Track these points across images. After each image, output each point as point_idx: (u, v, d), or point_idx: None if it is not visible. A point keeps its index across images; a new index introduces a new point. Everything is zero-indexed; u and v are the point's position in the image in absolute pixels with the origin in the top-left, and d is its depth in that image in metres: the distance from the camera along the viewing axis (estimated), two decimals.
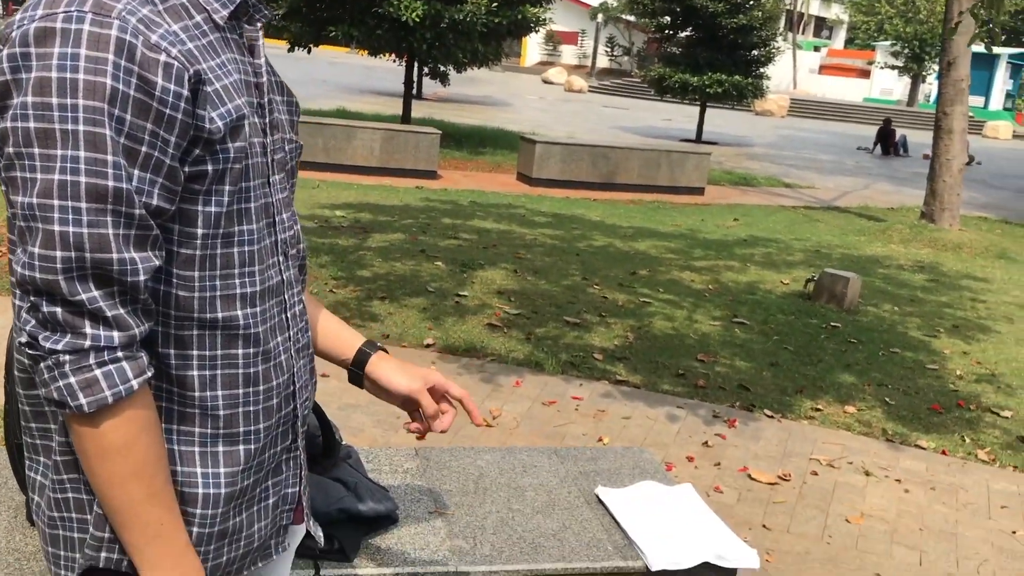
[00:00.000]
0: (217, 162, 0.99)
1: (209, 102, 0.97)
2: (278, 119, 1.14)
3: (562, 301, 6.15)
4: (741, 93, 20.85)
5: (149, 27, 0.93)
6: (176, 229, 1.00)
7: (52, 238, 0.90)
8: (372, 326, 5.22)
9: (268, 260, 1.10)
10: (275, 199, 1.12)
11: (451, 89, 23.76)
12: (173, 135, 0.94)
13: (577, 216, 10.00)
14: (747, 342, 5.69)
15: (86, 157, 0.90)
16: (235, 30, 1.06)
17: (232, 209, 1.03)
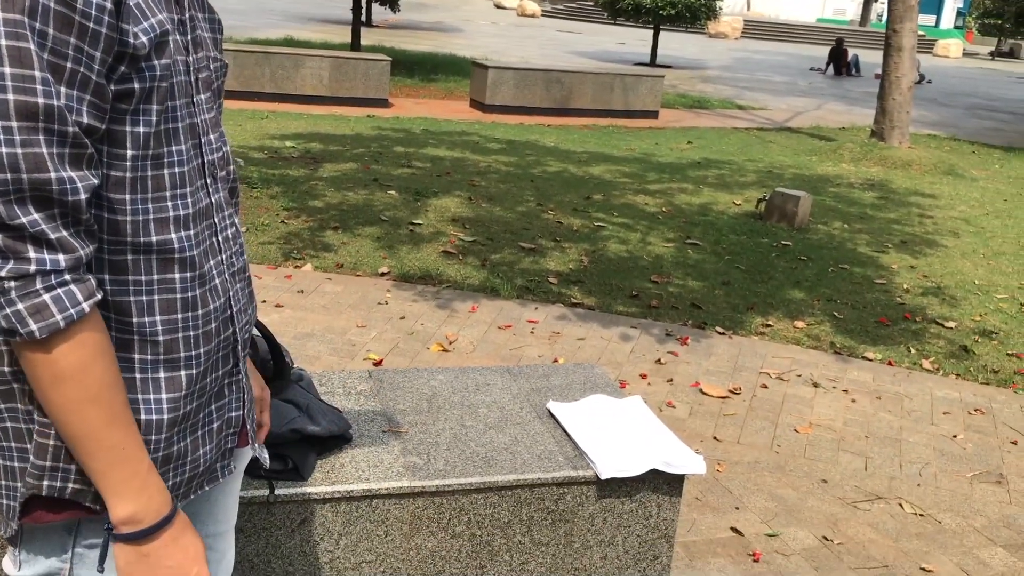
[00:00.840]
0: (144, 80, 0.97)
1: (131, 16, 0.94)
2: (201, 36, 1.11)
3: (517, 227, 6.15)
4: (694, 15, 20.71)
5: None
6: (105, 151, 0.97)
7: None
8: (326, 256, 5.19)
9: (197, 182, 1.08)
10: (201, 119, 1.10)
11: (401, 15, 23.29)
12: (98, 50, 0.91)
13: (531, 142, 9.95)
14: (700, 262, 5.75)
15: (11, 73, 0.87)
16: None
17: (160, 129, 1.00)
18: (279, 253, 5.16)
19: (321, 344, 4.03)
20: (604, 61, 21.56)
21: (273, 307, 4.39)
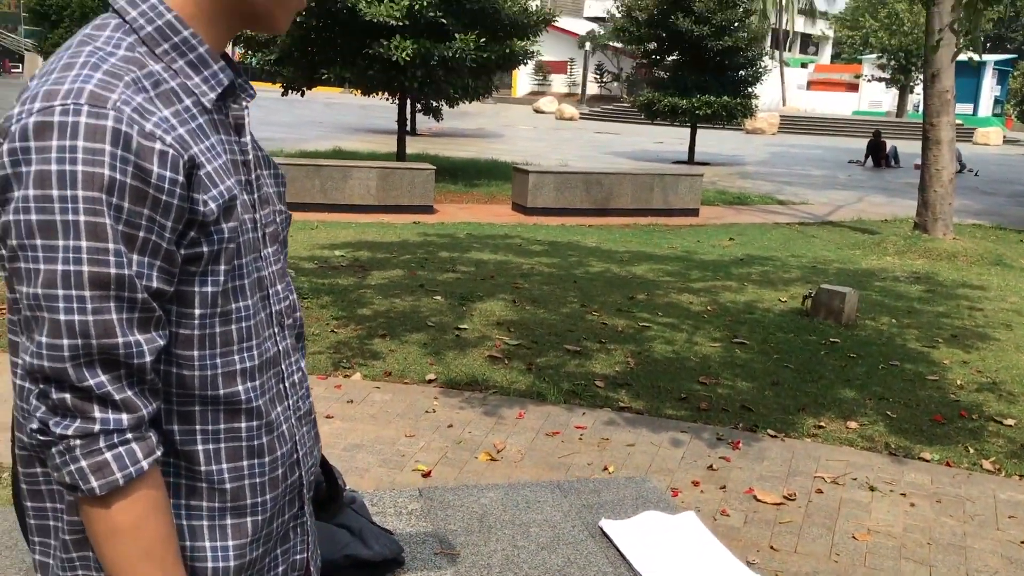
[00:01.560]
0: (212, 243, 1.02)
1: (202, 186, 1.00)
2: (267, 193, 1.17)
3: (562, 329, 6.18)
4: (731, 113, 21.01)
5: (143, 115, 0.95)
6: (174, 310, 1.02)
7: (58, 327, 0.93)
8: (374, 364, 5.25)
9: (264, 333, 1.12)
10: (268, 272, 1.15)
11: (444, 123, 23.95)
12: (169, 220, 0.97)
13: (573, 243, 10.06)
14: (748, 362, 5.71)
15: (88, 247, 0.92)
16: (222, 111, 1.09)
17: (228, 287, 1.05)
18: (329, 363, 5.23)
19: (370, 455, 4.04)
20: (642, 160, 21.88)
21: (323, 418, 4.43)
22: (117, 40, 1.00)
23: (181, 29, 1.03)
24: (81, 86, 0.93)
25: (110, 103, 0.93)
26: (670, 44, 21.40)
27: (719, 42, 20.27)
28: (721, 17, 20.06)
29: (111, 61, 0.97)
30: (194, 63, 1.04)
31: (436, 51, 13.83)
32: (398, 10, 13.38)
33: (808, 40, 69.51)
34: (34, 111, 0.93)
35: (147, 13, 1.02)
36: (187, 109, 1.02)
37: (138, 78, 0.98)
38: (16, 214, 0.92)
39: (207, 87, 1.05)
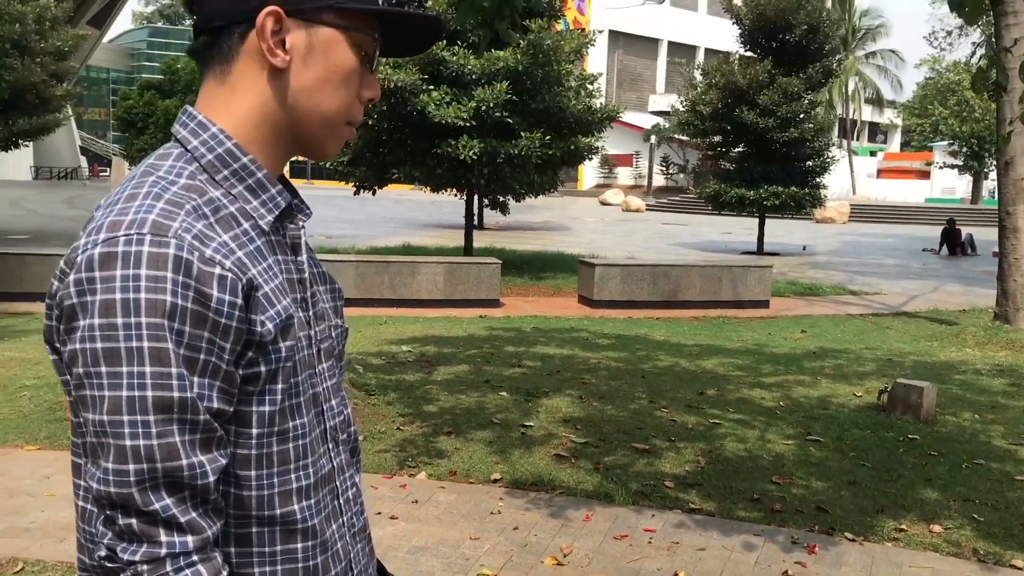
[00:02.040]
0: (270, 363, 1.04)
1: (260, 306, 1.03)
2: (323, 309, 1.20)
3: (630, 427, 6.09)
4: (799, 204, 20.89)
5: (203, 242, 0.99)
6: (232, 430, 1.04)
7: (124, 453, 0.95)
8: (439, 463, 5.22)
9: (319, 449, 1.14)
10: (323, 387, 1.17)
11: (512, 217, 24.32)
12: (228, 342, 1.00)
13: (641, 336, 9.98)
14: (823, 460, 5.54)
15: (152, 372, 0.95)
16: (279, 231, 1.13)
17: (284, 405, 1.07)
18: (394, 461, 5.22)
19: (435, 559, 3.98)
20: (710, 251, 21.80)
21: (388, 519, 4.40)
22: (179, 169, 1.06)
23: (240, 156, 1.08)
24: (144, 216, 0.97)
25: (171, 231, 0.97)
26: (735, 136, 21.50)
27: (785, 134, 20.30)
28: (786, 109, 20.14)
29: (172, 190, 1.02)
30: (252, 188, 1.09)
31: (502, 149, 14.12)
32: (466, 111, 13.74)
33: (876, 129, 69.26)
34: (99, 242, 0.97)
35: (208, 142, 1.08)
36: (245, 232, 1.06)
37: (198, 205, 1.02)
38: (82, 342, 0.96)
39: (265, 210, 1.09)
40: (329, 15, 1.09)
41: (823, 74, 21.13)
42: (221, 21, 1.08)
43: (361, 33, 1.11)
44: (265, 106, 1.09)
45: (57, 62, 20.29)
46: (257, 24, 1.06)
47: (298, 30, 1.08)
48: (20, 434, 5.54)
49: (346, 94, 1.12)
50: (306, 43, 1.08)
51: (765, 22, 20.69)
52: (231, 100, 1.09)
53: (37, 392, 6.43)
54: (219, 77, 1.10)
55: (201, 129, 1.08)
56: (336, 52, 1.10)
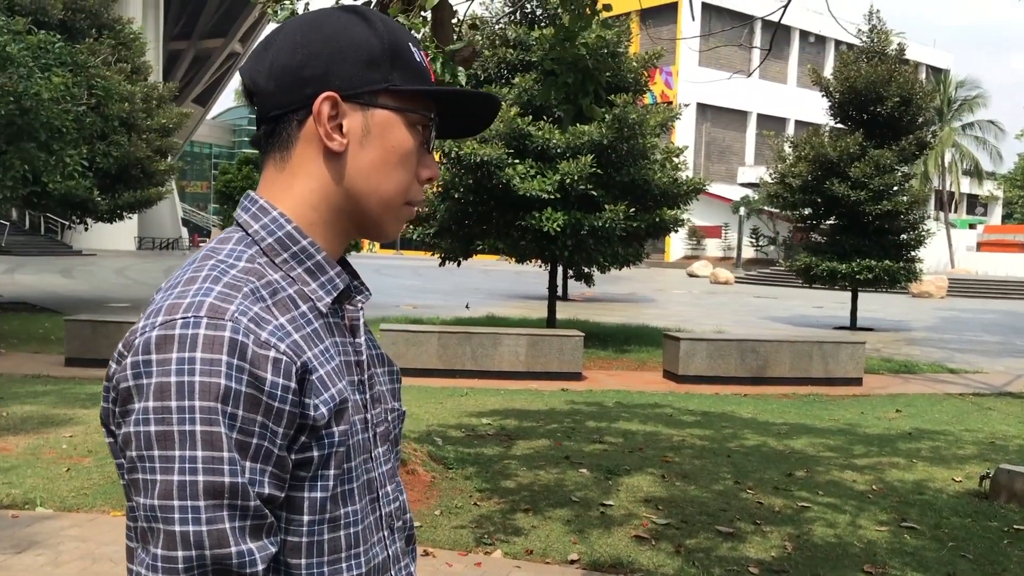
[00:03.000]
0: (323, 447, 1.03)
1: (314, 390, 1.02)
2: (380, 392, 1.20)
3: (714, 508, 5.89)
4: (893, 278, 20.31)
5: (260, 325, 0.99)
6: (283, 516, 1.03)
7: (173, 539, 0.94)
8: (516, 541, 5.12)
9: (372, 538, 1.12)
10: (378, 473, 1.15)
11: (597, 288, 24.29)
12: (281, 426, 0.99)
13: (727, 414, 9.74)
14: (919, 549, 5.25)
15: (203, 456, 0.94)
16: (337, 313, 1.14)
17: (337, 492, 1.06)
18: (470, 538, 5.14)
19: None
20: (801, 326, 21.30)
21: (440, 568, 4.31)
22: (239, 253, 1.07)
23: (300, 239, 1.09)
24: (202, 299, 0.98)
25: (228, 314, 0.97)
26: (826, 208, 21.12)
27: (877, 207, 19.87)
28: (879, 182, 19.74)
29: (232, 273, 1.03)
30: (312, 270, 1.10)
31: (586, 221, 14.16)
32: (550, 184, 13.87)
33: (975, 201, 67.39)
34: (156, 325, 0.97)
35: (268, 226, 1.09)
36: (303, 315, 1.06)
37: (256, 288, 1.03)
38: (136, 425, 0.95)
39: (323, 292, 1.10)
40: (385, 98, 1.10)
41: (917, 146, 20.70)
42: (279, 110, 1.10)
43: (417, 114, 1.13)
44: (324, 189, 1.11)
45: (162, 138, 21.30)
46: (314, 110, 1.08)
47: (354, 113, 1.10)
48: (108, 500, 5.66)
49: (404, 175, 1.13)
50: (363, 126, 1.10)
51: (855, 94, 20.45)
52: (291, 185, 1.11)
53: None
54: (279, 164, 1.12)
55: (262, 213, 1.10)
56: (393, 134, 1.11)
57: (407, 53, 1.13)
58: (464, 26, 5.91)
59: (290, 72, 1.09)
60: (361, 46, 1.10)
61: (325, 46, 1.09)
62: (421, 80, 1.13)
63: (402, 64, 1.11)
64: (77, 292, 23.01)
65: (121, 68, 19.13)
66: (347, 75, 1.09)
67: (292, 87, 1.09)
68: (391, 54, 1.11)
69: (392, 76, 1.10)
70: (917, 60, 59.26)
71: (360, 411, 1.11)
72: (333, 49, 1.09)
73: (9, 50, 10.84)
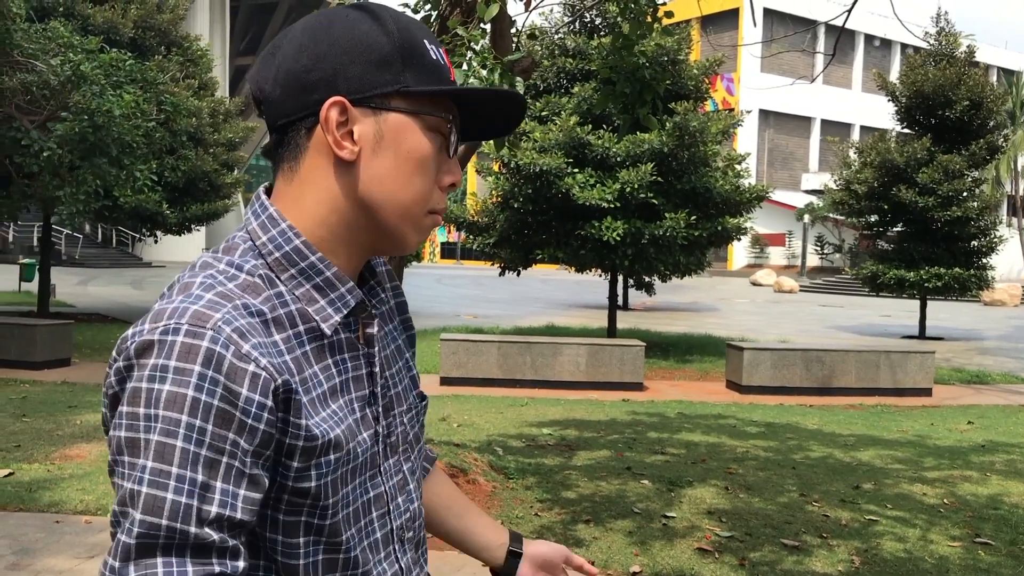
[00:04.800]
0: (321, 475, 1.00)
1: (304, 412, 0.98)
2: (396, 393, 1.16)
3: (778, 521, 5.79)
4: (964, 286, 19.79)
5: (244, 336, 0.94)
6: (280, 540, 1.00)
7: (117, 546, 0.90)
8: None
9: (379, 554, 1.09)
10: (387, 487, 1.12)
11: (658, 297, 24.12)
12: (253, 445, 0.93)
13: (792, 425, 9.57)
14: (993, 567, 5.08)
15: (151, 469, 0.89)
16: (349, 328, 1.09)
17: (338, 518, 1.03)
18: None
19: None
20: (868, 335, 20.87)
21: None
22: (239, 263, 1.02)
23: (308, 254, 1.04)
24: (187, 306, 0.94)
25: (211, 322, 0.93)
26: (893, 215, 20.70)
27: (946, 213, 19.40)
28: (947, 187, 19.28)
29: (228, 285, 0.99)
30: (320, 286, 1.04)
31: (646, 230, 14.08)
32: (610, 193, 13.82)
33: None
34: (144, 331, 0.93)
35: (276, 239, 1.04)
36: (298, 335, 1.01)
37: (250, 304, 0.98)
38: (114, 430, 0.93)
39: (332, 309, 1.04)
40: (397, 101, 1.03)
41: (988, 150, 20.17)
42: (287, 118, 1.04)
43: (434, 116, 1.05)
44: (335, 201, 1.04)
45: (228, 152, 21.75)
46: (321, 116, 1.01)
47: (366, 119, 1.03)
48: None
49: (423, 182, 1.05)
50: (375, 132, 1.03)
51: (923, 99, 20.03)
52: (301, 197, 1.05)
53: None
54: (288, 175, 1.06)
55: (271, 224, 1.05)
56: (408, 139, 1.03)
57: (421, 50, 1.04)
58: (523, 36, 5.93)
59: (296, 77, 1.02)
60: (370, 46, 1.02)
61: (331, 47, 1.02)
62: (437, 79, 1.05)
63: (416, 63, 1.03)
64: (147, 303, 23.60)
65: (189, 84, 19.59)
66: (356, 78, 1.02)
67: (299, 93, 1.02)
68: (403, 53, 1.03)
69: (404, 77, 1.03)
70: (988, 62, 57.89)
71: (370, 426, 1.08)
72: (340, 51, 1.02)
73: (83, 69, 11.18)
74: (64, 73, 11.16)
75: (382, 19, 1.04)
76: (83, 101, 11.12)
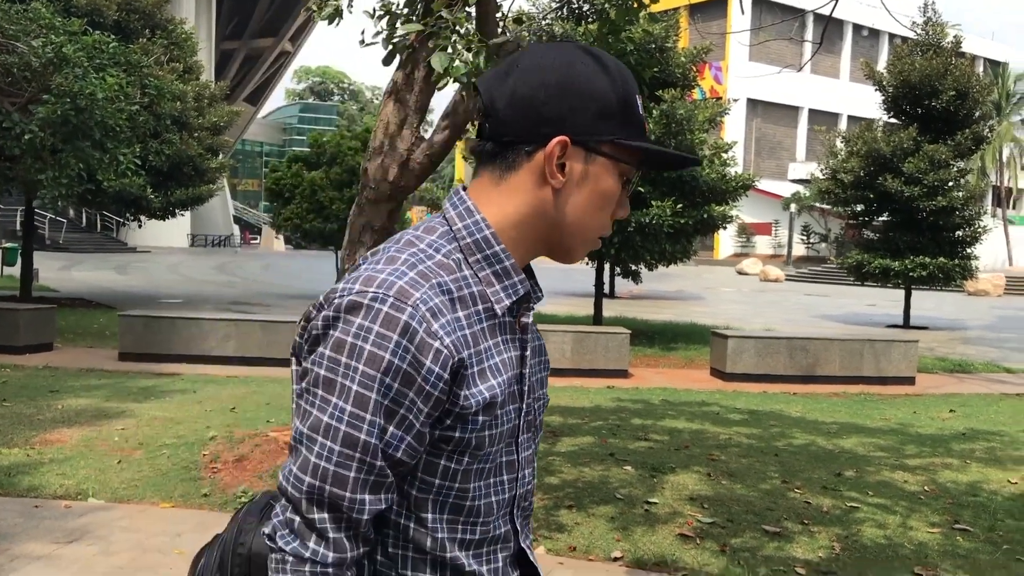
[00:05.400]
0: (464, 431, 1.18)
1: (467, 383, 1.16)
2: (534, 381, 1.33)
3: (760, 507, 5.81)
4: (948, 275, 19.88)
5: (435, 315, 1.14)
6: (418, 476, 1.20)
7: (307, 465, 1.14)
8: (558, 537, 5.10)
9: (498, 512, 1.27)
10: (521, 457, 1.30)
11: (644, 285, 24.12)
12: (427, 407, 1.14)
13: (775, 412, 9.61)
14: (972, 552, 5.12)
15: (351, 411, 1.12)
16: (512, 312, 1.26)
17: (470, 469, 1.21)
18: None
19: None
20: (853, 324, 20.96)
21: None
22: (439, 245, 1.21)
23: (494, 244, 1.22)
24: (395, 280, 1.14)
25: (411, 300, 1.13)
26: (879, 205, 20.74)
27: (932, 202, 19.46)
28: (933, 177, 19.34)
29: (427, 264, 1.18)
30: (499, 273, 1.22)
31: (632, 218, 14.06)
32: None
33: None
34: (353, 291, 1.14)
35: (471, 227, 1.22)
36: (478, 312, 1.20)
37: (444, 282, 1.17)
38: (314, 365, 1.15)
39: (504, 295, 1.23)
40: (608, 148, 1.22)
41: (973, 141, 20.23)
42: (513, 138, 1.21)
43: (628, 164, 1.24)
44: (532, 215, 1.23)
45: (213, 136, 21.61)
46: (546, 150, 1.19)
47: (578, 157, 1.21)
48: (157, 491, 5.75)
49: (604, 215, 1.26)
50: (582, 170, 1.21)
51: (909, 88, 20.06)
52: (503, 201, 1.23)
53: (176, 451, 6.69)
54: (496, 179, 1.23)
55: (467, 214, 1.23)
56: (605, 180, 1.23)
57: (633, 106, 1.22)
58: (509, 21, 5.89)
59: (532, 108, 1.19)
60: (599, 98, 1.19)
61: (568, 91, 1.18)
62: (641, 134, 1.23)
63: (629, 118, 1.22)
64: (131, 288, 23.47)
65: (173, 68, 19.44)
66: (582, 123, 1.19)
67: (530, 122, 1.19)
68: (622, 108, 1.21)
69: (619, 131, 1.21)
70: (974, 53, 58.00)
71: (515, 401, 1.25)
72: (575, 97, 1.18)
73: (65, 51, 11.06)
74: (46, 55, 11.03)
75: (611, 73, 1.21)
76: (65, 83, 10.99)
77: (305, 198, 21.31)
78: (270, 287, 26.18)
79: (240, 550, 1.39)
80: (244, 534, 1.41)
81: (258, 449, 6.30)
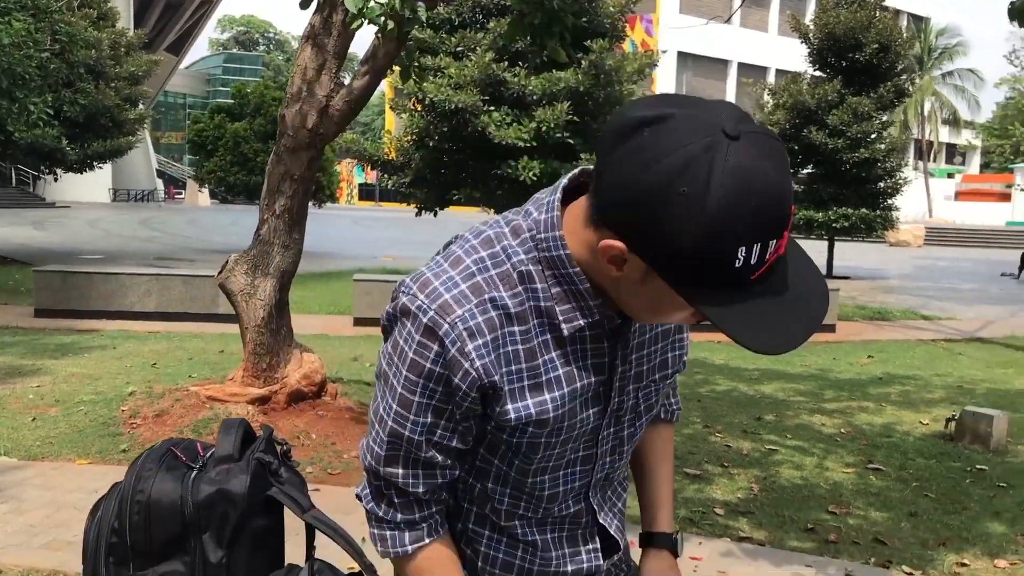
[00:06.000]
0: (512, 437, 1.24)
1: (504, 400, 1.20)
2: (636, 373, 1.30)
3: (682, 451, 5.92)
4: (870, 226, 20.38)
5: (472, 335, 1.16)
6: (479, 453, 1.30)
7: (370, 444, 1.29)
8: None
9: (566, 498, 1.34)
10: (599, 450, 1.33)
11: None
12: (460, 411, 1.21)
13: (700, 360, 9.78)
14: (883, 490, 5.30)
15: (396, 410, 1.23)
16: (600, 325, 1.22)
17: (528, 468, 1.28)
18: None
19: None
20: None
21: None
22: (513, 251, 1.19)
23: (567, 266, 1.17)
24: (442, 293, 1.17)
25: (450, 317, 1.15)
26: (804, 157, 21.10)
27: (855, 154, 19.86)
28: (856, 130, 19.72)
29: (488, 274, 1.18)
30: (573, 293, 1.18)
31: (563, 170, 14.04)
32: (526, 132, 13.72)
33: (954, 150, 67.51)
34: (410, 292, 1.19)
35: (552, 242, 1.17)
36: (541, 325, 1.19)
37: (498, 298, 1.17)
38: (381, 356, 1.26)
39: (579, 314, 1.18)
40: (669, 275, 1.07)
41: (895, 94, 20.66)
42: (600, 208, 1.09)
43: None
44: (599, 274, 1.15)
45: (131, 86, 20.92)
46: (601, 245, 1.07)
47: (637, 265, 1.08)
48: (74, 448, 5.61)
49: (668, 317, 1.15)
50: (641, 276, 1.08)
51: (834, 41, 20.34)
52: (580, 240, 1.14)
53: (93, 407, 6.53)
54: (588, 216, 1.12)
55: (550, 227, 1.17)
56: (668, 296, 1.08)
57: (721, 263, 1.01)
58: None
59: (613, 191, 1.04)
60: (669, 238, 1.01)
61: (642, 205, 1.01)
62: (726, 288, 1.04)
63: (700, 276, 1.03)
64: (49, 244, 22.74)
65: (86, 14, 18.70)
66: (643, 247, 1.04)
67: (607, 202, 1.06)
68: (695, 260, 1.01)
69: (683, 281, 1.04)
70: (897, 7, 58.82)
71: (599, 403, 1.27)
72: (648, 218, 1.01)
73: None
74: None
75: (708, 214, 0.98)
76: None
77: (229, 150, 20.83)
78: (195, 242, 25.62)
79: (139, 496, 1.42)
80: (143, 481, 1.44)
81: (178, 404, 6.18)
